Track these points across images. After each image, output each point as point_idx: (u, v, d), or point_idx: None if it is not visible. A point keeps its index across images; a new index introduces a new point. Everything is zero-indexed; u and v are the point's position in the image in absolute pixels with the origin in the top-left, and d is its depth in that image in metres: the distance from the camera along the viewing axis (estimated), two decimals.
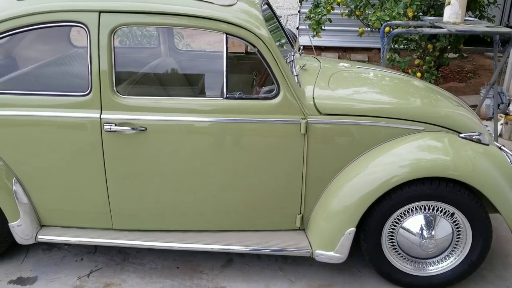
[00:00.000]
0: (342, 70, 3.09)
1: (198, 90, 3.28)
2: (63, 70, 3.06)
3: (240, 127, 2.49)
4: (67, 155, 2.53)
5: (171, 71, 3.46)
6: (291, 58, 2.81)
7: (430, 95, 3.01)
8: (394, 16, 5.35)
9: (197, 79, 3.38)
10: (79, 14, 2.39)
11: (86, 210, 2.64)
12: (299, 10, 8.05)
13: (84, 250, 2.93)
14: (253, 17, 2.52)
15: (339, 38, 8.12)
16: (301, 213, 2.65)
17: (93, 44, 2.39)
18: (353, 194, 2.49)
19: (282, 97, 2.47)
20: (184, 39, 6.27)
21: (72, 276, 2.71)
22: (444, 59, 6.22)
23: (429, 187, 2.44)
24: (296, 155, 2.53)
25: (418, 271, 2.61)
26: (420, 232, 2.51)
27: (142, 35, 5.76)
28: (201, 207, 2.63)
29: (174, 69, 3.48)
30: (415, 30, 4.09)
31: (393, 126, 2.55)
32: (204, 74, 3.37)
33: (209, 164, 2.54)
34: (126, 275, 2.73)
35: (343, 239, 2.49)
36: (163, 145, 2.49)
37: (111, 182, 2.55)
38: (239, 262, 2.86)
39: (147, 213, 2.64)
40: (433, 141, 2.58)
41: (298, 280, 2.71)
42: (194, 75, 3.48)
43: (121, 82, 2.59)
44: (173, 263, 2.84)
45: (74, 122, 2.47)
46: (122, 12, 2.39)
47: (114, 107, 2.44)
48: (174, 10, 2.40)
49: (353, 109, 2.54)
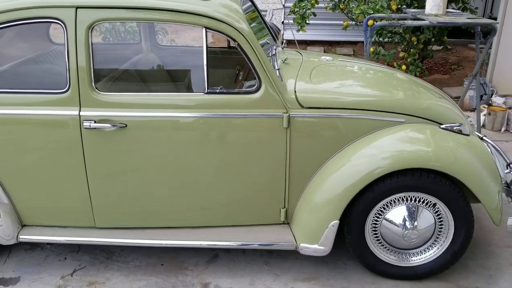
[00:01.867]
0: (324, 64, 3.09)
1: (179, 85, 3.25)
2: (42, 67, 3.01)
3: (222, 122, 2.48)
4: (47, 153, 2.49)
5: (153, 66, 3.43)
6: (273, 52, 2.80)
7: (412, 87, 3.02)
8: (378, 9, 5.37)
9: (179, 75, 3.35)
10: (55, 10, 2.35)
11: (68, 208, 2.61)
12: (284, 4, 8.04)
13: (67, 249, 2.90)
14: (233, 11, 2.50)
15: (324, 32, 8.14)
16: (285, 207, 2.65)
17: (70, 40, 2.35)
18: (337, 187, 2.49)
19: (263, 91, 2.46)
20: (168, 34, 6.23)
21: (56, 276, 2.69)
22: (428, 51, 6.26)
23: (411, 178, 2.46)
24: (279, 149, 2.53)
25: (401, 262, 2.63)
26: (403, 223, 2.53)
27: (125, 31, 5.71)
28: (185, 203, 2.62)
29: (155, 65, 3.44)
30: (398, 22, 4.10)
31: (375, 119, 2.56)
32: (185, 70, 3.35)
33: (192, 159, 2.52)
34: (110, 274, 2.71)
35: (327, 231, 2.49)
36: (144, 141, 2.47)
37: (92, 180, 2.53)
38: (224, 257, 2.85)
39: (130, 211, 2.62)
40: (415, 132, 2.59)
41: (283, 274, 2.71)
42: (175, 70, 3.45)
43: (101, 78, 2.56)
44: (158, 260, 2.82)
45: (53, 119, 2.44)
46: (100, 8, 2.35)
47: (93, 104, 2.41)
48: (153, 5, 2.38)
49: (335, 102, 2.54)
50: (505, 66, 5.62)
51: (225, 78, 3.36)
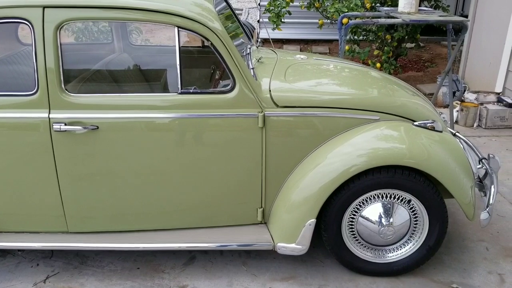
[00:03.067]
0: (299, 62, 3.09)
1: (153, 85, 3.21)
2: (10, 69, 2.92)
3: (196, 122, 2.45)
4: (15, 157, 2.42)
5: (125, 67, 3.37)
6: (247, 51, 2.79)
7: (386, 85, 3.04)
8: (352, 8, 5.40)
9: (152, 75, 3.31)
10: (22, 10, 2.28)
11: (39, 214, 2.54)
12: (259, 3, 8.03)
13: (40, 255, 2.83)
14: (206, 10, 2.47)
15: (300, 31, 8.17)
16: (262, 206, 2.64)
17: (38, 41, 2.29)
18: (313, 185, 2.49)
19: (238, 91, 2.44)
20: (142, 34, 6.14)
21: (28, 283, 2.61)
22: (402, 49, 6.34)
23: (386, 175, 2.48)
24: (254, 149, 2.51)
25: (378, 259, 2.65)
26: (378, 220, 2.55)
27: (98, 31, 5.60)
28: (160, 206, 2.58)
29: (128, 65, 3.38)
30: (372, 21, 4.13)
31: (350, 117, 2.57)
32: (159, 70, 3.30)
33: (166, 161, 2.48)
34: (84, 279, 2.65)
35: (304, 230, 2.49)
36: (116, 143, 2.42)
37: (64, 184, 2.47)
38: (201, 259, 2.83)
39: (103, 215, 2.56)
40: (389, 130, 2.61)
41: (261, 274, 2.70)
42: (149, 70, 3.40)
43: (71, 79, 2.50)
44: (134, 264, 2.78)
45: (22, 122, 2.37)
46: (68, 7, 2.29)
47: (63, 106, 2.35)
48: (124, 4, 2.33)
49: (310, 100, 2.54)
50: (476, 63, 5.74)
51: (200, 77, 3.33)
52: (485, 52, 5.55)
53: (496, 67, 5.33)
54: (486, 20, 5.55)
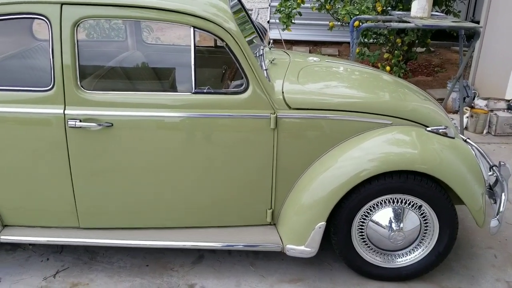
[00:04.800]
0: (311, 64, 3.09)
1: (166, 84, 3.22)
2: (25, 64, 2.94)
3: (209, 122, 2.46)
4: (30, 152, 2.44)
5: (139, 65, 3.38)
6: (260, 52, 2.79)
7: (398, 89, 3.04)
8: (364, 10, 5.40)
9: (165, 74, 3.32)
10: (40, 6, 2.30)
11: (51, 209, 2.56)
12: (270, 3, 8.03)
13: (50, 250, 2.85)
14: (221, 10, 2.48)
15: (309, 32, 8.16)
16: (272, 208, 2.64)
17: (55, 37, 2.30)
18: (323, 188, 2.49)
19: (251, 92, 2.44)
20: (153, 32, 6.16)
21: (38, 277, 2.63)
22: (412, 53, 6.33)
23: (398, 180, 2.47)
24: (266, 150, 2.52)
25: (387, 263, 2.65)
26: (389, 225, 2.55)
27: (110, 28, 5.62)
28: (171, 204, 2.59)
29: (141, 63, 3.40)
30: (384, 24, 4.13)
31: (362, 120, 2.57)
32: (172, 69, 3.31)
33: (178, 160, 2.49)
34: (94, 275, 2.67)
35: (314, 233, 2.50)
36: (130, 141, 2.43)
37: (77, 180, 2.48)
38: (210, 258, 2.83)
39: (114, 211, 2.58)
40: (401, 134, 2.61)
41: (269, 275, 2.71)
42: (162, 69, 3.42)
43: (86, 76, 2.51)
44: (143, 261, 2.79)
45: (37, 118, 2.39)
46: (86, 4, 2.31)
47: (78, 102, 2.37)
48: (140, 3, 2.34)
49: (323, 103, 2.54)
50: (487, 69, 5.72)
51: (210, 77, 3.34)
52: (496, 59, 5.53)
53: (506, 74, 5.30)
54: (498, 26, 5.52)
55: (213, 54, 3.45)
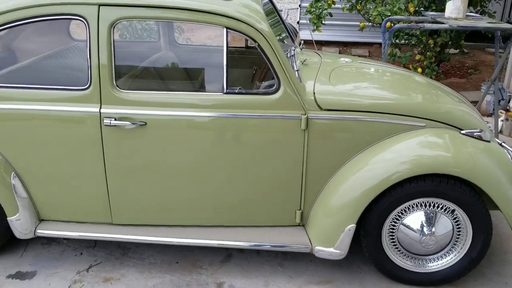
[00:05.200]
0: (343, 65, 3.07)
1: (198, 84, 3.26)
2: (62, 63, 3.03)
3: (240, 122, 2.47)
4: (66, 149, 2.51)
5: (171, 65, 3.44)
6: (291, 53, 2.80)
7: (431, 91, 2.99)
8: (396, 11, 5.32)
9: (197, 74, 3.36)
10: (79, 7, 2.37)
11: (86, 204, 2.63)
12: (300, 4, 8.01)
13: (84, 245, 2.92)
14: (254, 11, 2.50)
15: (339, 33, 8.09)
16: (301, 209, 2.64)
17: (92, 37, 2.37)
18: (354, 191, 2.47)
19: (282, 92, 2.45)
20: (184, 33, 6.24)
21: (71, 271, 2.71)
22: (445, 54, 6.20)
23: (430, 184, 2.43)
24: (296, 151, 2.52)
25: (418, 268, 2.61)
26: (420, 229, 2.51)
27: (142, 29, 5.73)
28: (201, 203, 2.62)
29: (174, 64, 3.45)
30: (417, 25, 4.07)
31: (394, 122, 2.54)
32: (204, 69, 3.35)
33: (209, 159, 2.52)
34: (125, 270, 2.72)
35: (343, 235, 2.48)
36: (162, 140, 2.48)
37: (111, 177, 2.54)
38: (238, 257, 2.85)
39: (146, 208, 2.63)
40: (434, 137, 2.57)
41: (298, 277, 2.71)
42: (194, 69, 3.46)
43: (121, 76, 2.57)
44: (173, 258, 2.83)
45: (73, 116, 2.46)
46: (122, 6, 2.36)
47: (113, 101, 2.43)
48: (175, 4, 2.38)
49: (354, 104, 2.52)
50: None
51: (240, 78, 3.36)
52: None
53: None
54: None
55: (242, 54, 3.47)
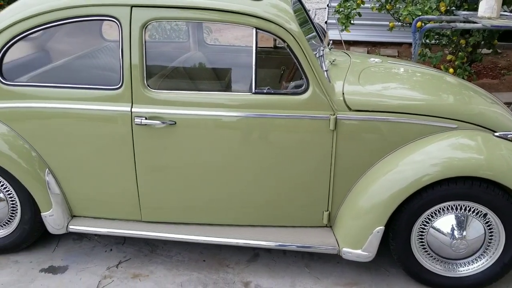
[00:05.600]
0: (372, 66, 3.04)
1: (226, 84, 3.28)
2: (95, 63, 3.10)
3: (268, 122, 2.48)
4: (98, 147, 2.57)
5: (201, 65, 3.47)
6: (320, 53, 2.78)
7: (463, 91, 2.93)
8: (426, 11, 5.22)
9: (226, 74, 3.38)
10: (112, 8, 2.42)
11: (116, 201, 2.68)
12: (328, 4, 7.96)
13: (113, 241, 2.98)
14: (283, 11, 2.50)
15: (368, 33, 8.01)
16: (329, 210, 2.62)
17: (124, 38, 2.41)
18: (382, 192, 2.45)
19: (311, 93, 2.44)
20: (212, 33, 6.29)
21: (102, 266, 2.77)
22: (477, 54, 6.05)
23: (462, 186, 2.38)
24: (324, 152, 2.51)
25: (448, 272, 2.56)
26: (451, 233, 2.46)
27: (171, 29, 5.80)
28: (228, 202, 2.64)
29: (203, 64, 3.49)
30: (449, 25, 3.99)
31: (425, 124, 2.50)
32: (232, 69, 3.37)
33: (237, 158, 2.54)
34: (153, 267, 2.77)
35: (372, 237, 2.46)
36: (191, 139, 2.50)
37: (141, 175, 2.59)
38: (265, 257, 2.86)
39: (175, 206, 2.66)
40: (466, 139, 2.51)
41: (325, 278, 2.69)
42: (223, 69, 3.49)
43: (152, 76, 2.61)
44: (200, 256, 2.86)
45: (106, 115, 2.51)
46: (154, 7, 2.40)
47: (144, 100, 2.47)
48: (205, 5, 2.41)
49: (384, 105, 2.50)
50: None
51: (267, 78, 3.37)
52: None
53: None
54: None
55: (268, 54, 3.47)
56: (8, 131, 2.60)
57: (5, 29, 2.50)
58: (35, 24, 2.49)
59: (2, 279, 2.65)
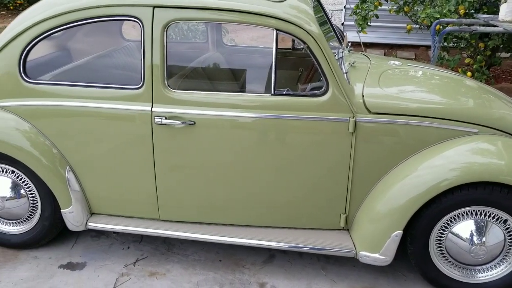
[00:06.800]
0: (393, 68, 3.02)
1: (245, 85, 3.29)
2: (116, 63, 3.13)
3: (287, 123, 2.48)
4: (118, 145, 2.60)
5: (219, 66, 3.48)
6: (340, 55, 2.78)
7: (483, 95, 2.90)
8: (445, 14, 5.17)
9: (245, 75, 3.39)
10: (134, 9, 2.44)
11: (135, 200, 2.71)
12: (345, 6, 7.93)
13: (131, 239, 3.01)
14: (303, 12, 2.50)
15: (385, 35, 7.96)
16: (346, 213, 2.62)
17: (146, 38, 2.43)
18: (401, 197, 2.43)
19: (330, 95, 2.44)
20: (228, 33, 6.31)
21: (119, 264, 2.79)
22: (496, 58, 5.98)
23: (482, 192, 2.36)
24: (342, 154, 2.50)
25: (466, 278, 2.53)
26: (470, 238, 2.44)
27: (187, 29, 5.83)
28: (245, 202, 2.65)
29: (222, 64, 3.50)
30: (469, 28, 3.95)
31: (445, 128, 2.47)
32: (251, 70, 3.38)
33: (255, 159, 2.54)
34: (170, 265, 2.78)
35: (389, 241, 2.44)
36: (210, 139, 2.52)
37: (159, 174, 2.61)
38: (281, 258, 2.86)
39: (192, 206, 2.68)
40: (487, 144, 2.49)
41: (341, 281, 2.69)
42: (241, 70, 3.49)
43: (172, 76, 2.63)
44: (216, 256, 2.87)
45: (126, 114, 2.53)
46: (175, 8, 2.42)
47: (164, 100, 2.49)
48: (225, 6, 2.42)
49: (404, 108, 2.48)
50: None
51: (282, 79, 3.37)
52: None
53: None
54: None
55: (283, 55, 3.47)
56: (30, 128, 2.64)
57: (29, 28, 2.54)
58: (59, 23, 2.52)
59: (22, 274, 2.69)
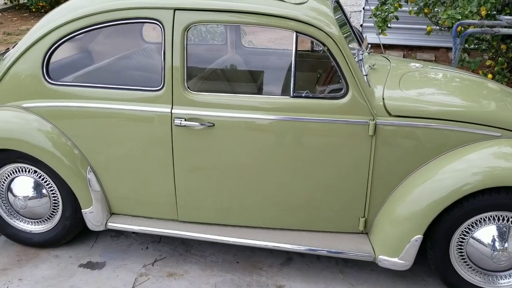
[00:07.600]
0: (413, 70, 2.99)
1: (264, 87, 3.29)
2: (136, 65, 3.16)
3: (306, 126, 2.47)
4: (138, 147, 2.62)
5: (238, 68, 3.49)
6: (359, 57, 2.75)
7: (505, 98, 2.85)
8: (467, 15, 5.10)
9: (264, 77, 3.39)
10: (155, 12, 2.46)
11: (154, 200, 2.73)
12: (364, 7, 7.88)
13: (149, 239, 3.03)
14: (323, 15, 2.49)
15: (404, 36, 7.87)
16: (365, 216, 2.60)
17: (167, 40, 2.45)
18: (421, 201, 2.40)
19: (350, 97, 2.42)
20: (246, 35, 6.32)
21: (138, 264, 2.82)
22: None
23: (505, 197, 2.32)
24: (362, 157, 2.48)
25: (487, 284, 2.49)
26: (492, 244, 2.39)
27: (206, 31, 5.86)
28: (263, 204, 2.65)
29: (241, 66, 3.51)
30: (491, 30, 3.89)
31: (466, 131, 2.44)
32: (270, 72, 3.38)
33: (273, 162, 2.54)
34: (188, 266, 2.80)
35: (409, 246, 2.41)
36: (229, 141, 2.52)
37: (179, 175, 2.62)
38: (298, 261, 2.85)
39: (211, 207, 2.69)
40: (509, 148, 2.44)
41: (359, 285, 2.66)
42: (260, 72, 3.50)
43: (191, 78, 2.64)
44: (234, 257, 2.88)
45: (146, 115, 2.56)
46: (196, 10, 2.44)
47: (184, 102, 2.50)
48: (245, 8, 2.42)
49: (425, 111, 2.45)
50: None
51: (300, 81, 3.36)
52: None
53: None
54: None
55: (301, 57, 3.45)
56: (52, 128, 2.68)
57: (53, 30, 2.58)
58: (82, 26, 2.56)
59: (43, 273, 2.74)
